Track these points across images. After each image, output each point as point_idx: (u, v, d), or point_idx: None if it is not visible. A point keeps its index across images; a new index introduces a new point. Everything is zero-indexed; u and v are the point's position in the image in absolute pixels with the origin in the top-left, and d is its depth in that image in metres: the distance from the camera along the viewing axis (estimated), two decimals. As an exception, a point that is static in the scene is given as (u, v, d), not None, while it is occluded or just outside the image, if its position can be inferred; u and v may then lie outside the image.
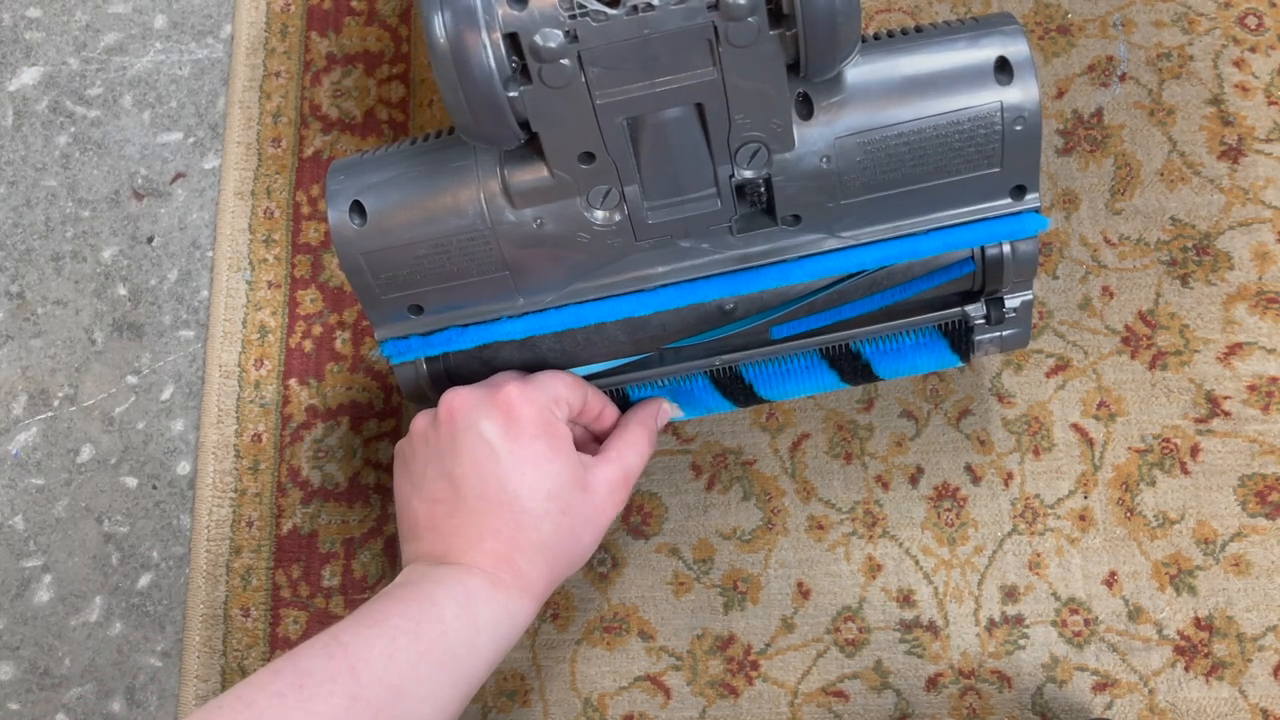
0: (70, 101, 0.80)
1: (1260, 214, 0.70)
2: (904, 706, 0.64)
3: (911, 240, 0.54)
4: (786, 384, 0.61)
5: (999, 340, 0.61)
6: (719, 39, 0.45)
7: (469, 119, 0.47)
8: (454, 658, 0.49)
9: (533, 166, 0.51)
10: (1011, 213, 0.53)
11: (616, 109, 0.48)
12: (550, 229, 0.52)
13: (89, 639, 0.68)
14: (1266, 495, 0.65)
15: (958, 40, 0.51)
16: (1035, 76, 0.50)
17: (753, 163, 0.51)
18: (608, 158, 0.50)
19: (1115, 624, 0.64)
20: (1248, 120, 0.72)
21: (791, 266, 0.55)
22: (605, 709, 0.65)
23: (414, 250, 0.53)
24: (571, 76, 0.46)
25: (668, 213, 0.53)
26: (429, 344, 0.56)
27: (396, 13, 0.79)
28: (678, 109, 0.49)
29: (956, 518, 0.66)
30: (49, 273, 0.76)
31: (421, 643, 0.48)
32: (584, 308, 0.55)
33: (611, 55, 0.45)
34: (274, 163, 0.76)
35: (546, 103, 0.47)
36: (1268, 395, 0.67)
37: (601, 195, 0.51)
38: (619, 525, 0.67)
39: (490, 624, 0.51)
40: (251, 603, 0.68)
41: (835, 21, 0.45)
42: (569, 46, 0.45)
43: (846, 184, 0.52)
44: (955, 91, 0.50)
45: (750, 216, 0.54)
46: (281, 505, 0.69)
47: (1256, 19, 0.74)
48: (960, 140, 0.51)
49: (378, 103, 0.77)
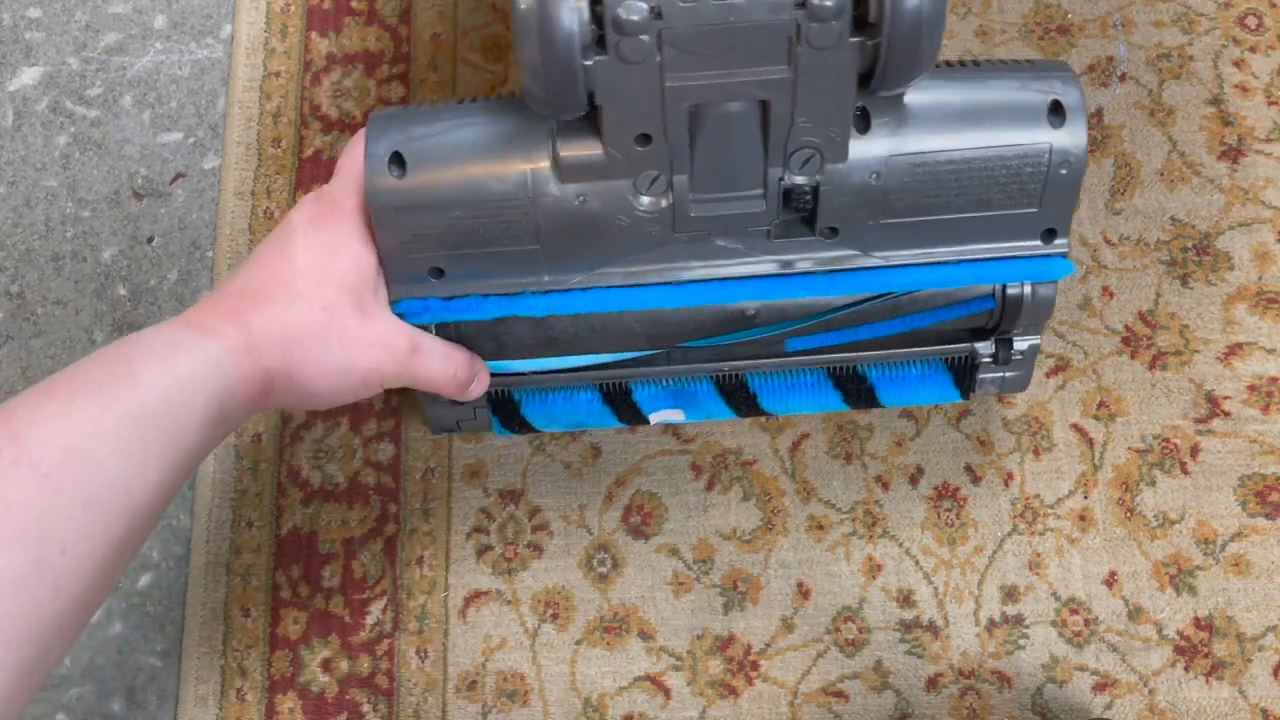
0: (70, 101, 0.80)
1: (1260, 214, 0.70)
2: (904, 706, 0.64)
3: (940, 269, 0.54)
4: (790, 399, 0.61)
5: (1000, 381, 0.61)
6: (799, 39, 0.45)
7: (541, 83, 0.46)
8: (149, 414, 0.43)
9: (586, 142, 0.50)
10: (1039, 254, 0.54)
11: (684, 94, 0.47)
12: (592, 207, 0.52)
13: (89, 639, 0.68)
14: (1266, 495, 0.65)
15: (1016, 78, 0.51)
16: (1085, 125, 0.50)
17: (805, 168, 0.50)
18: (664, 142, 0.49)
19: (1115, 624, 0.64)
20: (1248, 120, 0.72)
21: (822, 279, 0.54)
22: (605, 709, 0.65)
23: (449, 211, 0.52)
24: (648, 54, 0.45)
25: (711, 208, 0.52)
26: (448, 309, 0.55)
27: (396, 13, 0.79)
28: (742, 104, 0.48)
29: (956, 518, 0.66)
30: (49, 273, 0.76)
31: (104, 399, 0.42)
32: (609, 293, 0.55)
33: (691, 39, 0.45)
34: (274, 163, 0.76)
35: (617, 77, 0.46)
36: (1268, 395, 0.67)
37: (649, 180, 0.51)
38: (619, 525, 0.68)
39: (195, 375, 0.45)
40: (251, 603, 0.68)
41: (921, 34, 0.44)
42: (652, 23, 0.44)
43: (890, 203, 0.52)
44: (1010, 127, 0.51)
45: (789, 224, 0.54)
46: (281, 505, 0.69)
47: (1256, 19, 0.74)
48: (1006, 176, 0.51)
49: (378, 103, 0.77)
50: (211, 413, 0.45)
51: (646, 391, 0.62)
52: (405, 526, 0.68)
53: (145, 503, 0.43)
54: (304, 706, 0.66)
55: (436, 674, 0.66)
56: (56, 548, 0.40)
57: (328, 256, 0.50)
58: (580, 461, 0.69)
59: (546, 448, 0.69)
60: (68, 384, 0.43)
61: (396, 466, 0.70)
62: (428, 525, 0.68)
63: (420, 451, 0.70)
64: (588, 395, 0.62)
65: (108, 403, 0.42)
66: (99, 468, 0.41)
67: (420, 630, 0.66)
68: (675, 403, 0.62)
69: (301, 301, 0.49)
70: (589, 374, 0.61)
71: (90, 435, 0.41)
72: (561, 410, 0.62)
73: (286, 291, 0.49)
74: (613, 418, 0.63)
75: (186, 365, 0.45)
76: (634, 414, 0.62)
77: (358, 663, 0.66)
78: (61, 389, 0.42)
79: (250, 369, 0.47)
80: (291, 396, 0.50)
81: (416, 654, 0.66)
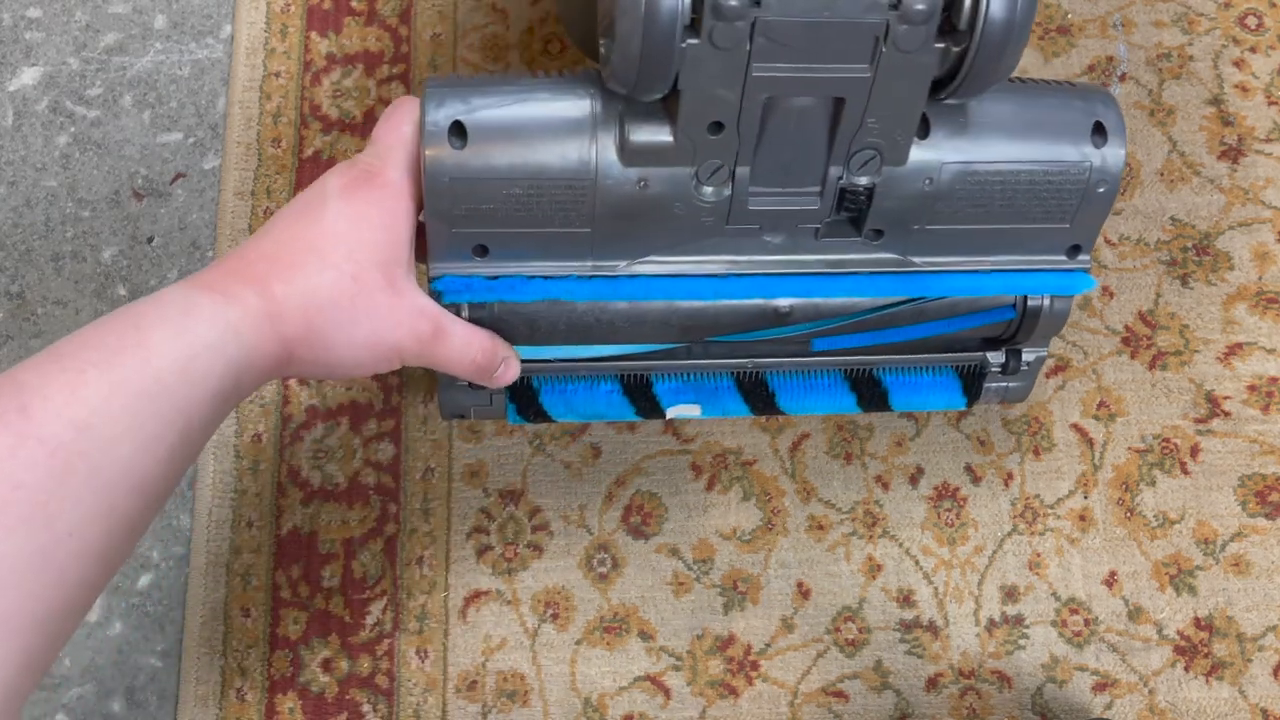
0: (70, 101, 0.80)
1: (1260, 214, 0.70)
2: (904, 706, 0.64)
3: (973, 277, 0.55)
4: (807, 399, 0.62)
5: (1004, 390, 0.62)
6: (885, 39, 0.45)
7: (634, 62, 0.46)
8: (162, 387, 0.41)
9: (657, 125, 0.50)
10: (1064, 269, 0.55)
11: (766, 85, 0.47)
12: (652, 192, 0.51)
13: (89, 639, 0.68)
14: (1266, 495, 0.65)
15: (1061, 97, 0.53)
16: (1125, 147, 0.52)
17: (864, 169, 0.51)
18: (735, 133, 0.49)
19: (1115, 624, 0.64)
20: (1248, 120, 0.72)
21: (863, 280, 0.55)
22: (605, 709, 0.65)
23: (507, 186, 0.51)
24: (740, 41, 0.45)
25: (768, 202, 0.53)
26: (492, 289, 0.54)
27: (396, 13, 0.79)
28: (813, 100, 0.49)
29: (956, 518, 0.66)
30: (49, 273, 0.76)
31: (115, 372, 0.40)
32: (652, 281, 0.55)
33: (783, 30, 0.45)
34: (274, 163, 0.76)
35: (704, 62, 0.46)
36: (1268, 395, 0.67)
37: (712, 170, 0.51)
38: (619, 525, 0.67)
39: (211, 345, 0.43)
40: (251, 603, 0.68)
41: (1008, 44, 0.45)
42: (749, 10, 0.44)
43: (938, 210, 0.53)
44: (1057, 143, 0.52)
45: (837, 224, 0.54)
46: (281, 505, 0.69)
47: (1256, 19, 0.74)
48: (1048, 191, 0.52)
49: (378, 103, 0.77)
50: (227, 385, 0.43)
51: (667, 385, 0.62)
52: (405, 526, 0.68)
53: (155, 481, 0.41)
54: (304, 706, 0.66)
55: (436, 674, 0.66)
56: (65, 530, 0.38)
57: (361, 226, 0.48)
58: (580, 461, 0.69)
59: (546, 448, 0.69)
60: (77, 352, 0.41)
61: (396, 466, 0.70)
62: (428, 525, 0.68)
63: (420, 451, 0.70)
64: (608, 386, 0.62)
65: (119, 375, 0.40)
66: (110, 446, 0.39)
67: (420, 630, 0.66)
68: (694, 398, 0.62)
69: (332, 270, 0.47)
70: (612, 364, 0.61)
71: (101, 411, 0.39)
72: (581, 400, 0.62)
73: (317, 259, 0.47)
74: (631, 410, 0.63)
75: (202, 334, 0.43)
76: (652, 407, 0.62)
77: (358, 663, 0.66)
78: (71, 358, 0.40)
79: (270, 339, 0.45)
80: (310, 367, 0.48)
81: (416, 654, 0.66)
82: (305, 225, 0.48)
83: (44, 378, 0.39)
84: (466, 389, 0.61)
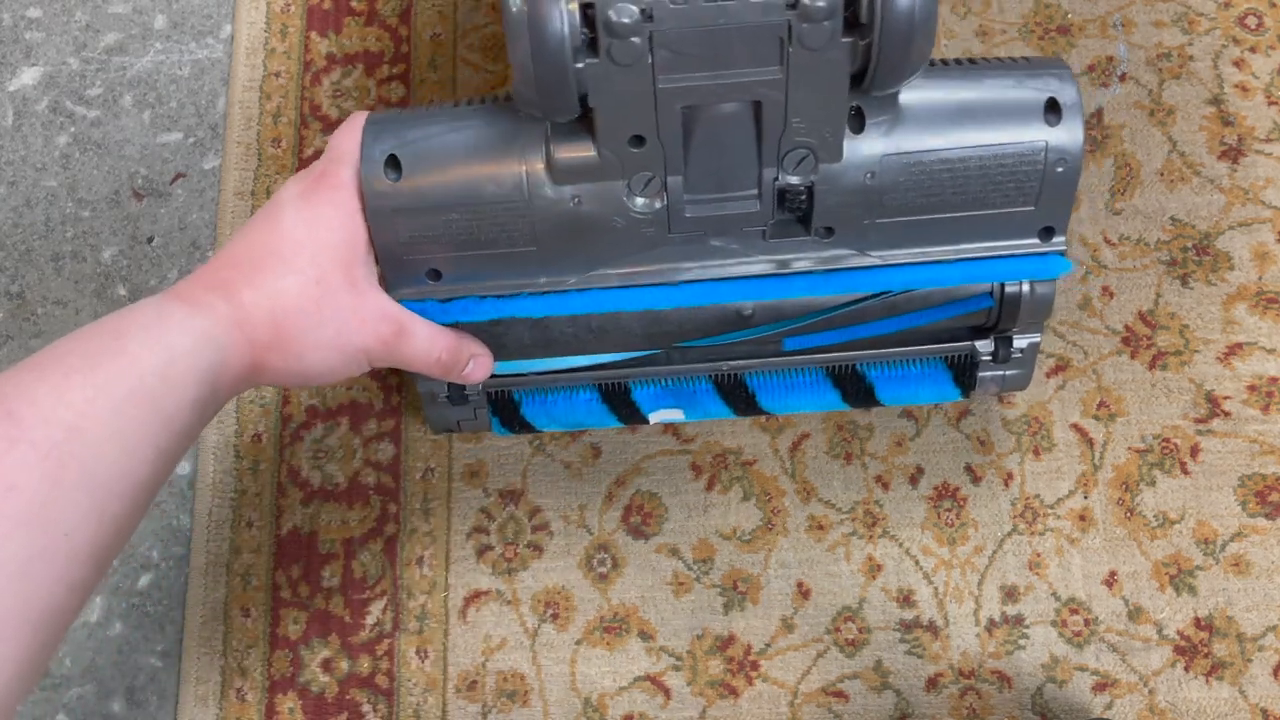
0: (70, 101, 0.80)
1: (1260, 214, 0.70)
2: (904, 706, 0.64)
3: (937, 267, 0.54)
4: (789, 397, 0.61)
5: (1001, 379, 0.61)
6: (791, 39, 0.45)
7: (532, 86, 0.46)
8: (144, 392, 0.42)
9: (580, 143, 0.50)
10: (1037, 253, 0.54)
11: (677, 96, 0.47)
12: (587, 209, 0.52)
13: (89, 639, 0.68)
14: (1266, 495, 0.65)
15: (1012, 76, 0.51)
16: (1082, 122, 0.51)
17: (799, 169, 0.51)
18: (658, 144, 0.49)
19: (1115, 624, 0.64)
20: (1248, 120, 0.72)
21: (818, 279, 0.55)
22: (605, 709, 0.65)
23: (445, 213, 0.52)
24: (639, 56, 0.45)
25: (706, 208, 0.52)
26: (446, 311, 0.55)
27: (396, 13, 0.79)
28: (735, 105, 0.49)
29: (956, 518, 0.66)
30: (49, 273, 0.76)
31: (98, 377, 0.41)
32: (606, 294, 0.55)
33: (682, 40, 0.45)
34: (274, 163, 0.76)
35: (609, 79, 0.46)
36: (1268, 395, 0.67)
37: (644, 182, 0.51)
38: (619, 525, 0.68)
39: (188, 352, 0.44)
40: (251, 603, 0.68)
41: (913, 34, 0.45)
42: (643, 25, 0.44)
43: (885, 203, 0.52)
44: (1005, 125, 0.51)
45: (784, 224, 0.54)
46: (281, 505, 0.69)
47: (1256, 19, 0.74)
48: (1002, 175, 0.51)
49: (378, 103, 0.77)
50: (204, 391, 0.44)
51: (645, 391, 0.62)
52: (405, 526, 0.68)
53: (142, 483, 0.42)
54: (304, 706, 0.66)
55: (436, 674, 0.66)
56: (60, 531, 0.39)
57: (319, 228, 0.49)
58: (580, 461, 0.69)
59: (546, 448, 0.69)
60: (60, 360, 0.41)
61: (396, 466, 0.70)
62: (428, 525, 0.68)
63: (420, 451, 0.70)
64: (587, 395, 0.62)
65: (102, 380, 0.41)
66: (98, 448, 0.40)
67: (420, 630, 0.66)
68: (675, 402, 0.62)
69: (294, 274, 0.48)
70: (588, 374, 0.61)
71: (88, 414, 0.40)
72: (561, 410, 0.62)
73: (280, 264, 0.48)
74: (612, 417, 0.63)
75: (178, 341, 0.44)
76: (633, 413, 0.63)
77: (358, 663, 0.66)
78: (53, 366, 0.41)
79: (241, 345, 0.46)
80: (282, 374, 0.49)
81: (416, 654, 0.66)
82: (266, 232, 0.49)
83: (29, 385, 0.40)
84: (449, 404, 0.62)
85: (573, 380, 0.61)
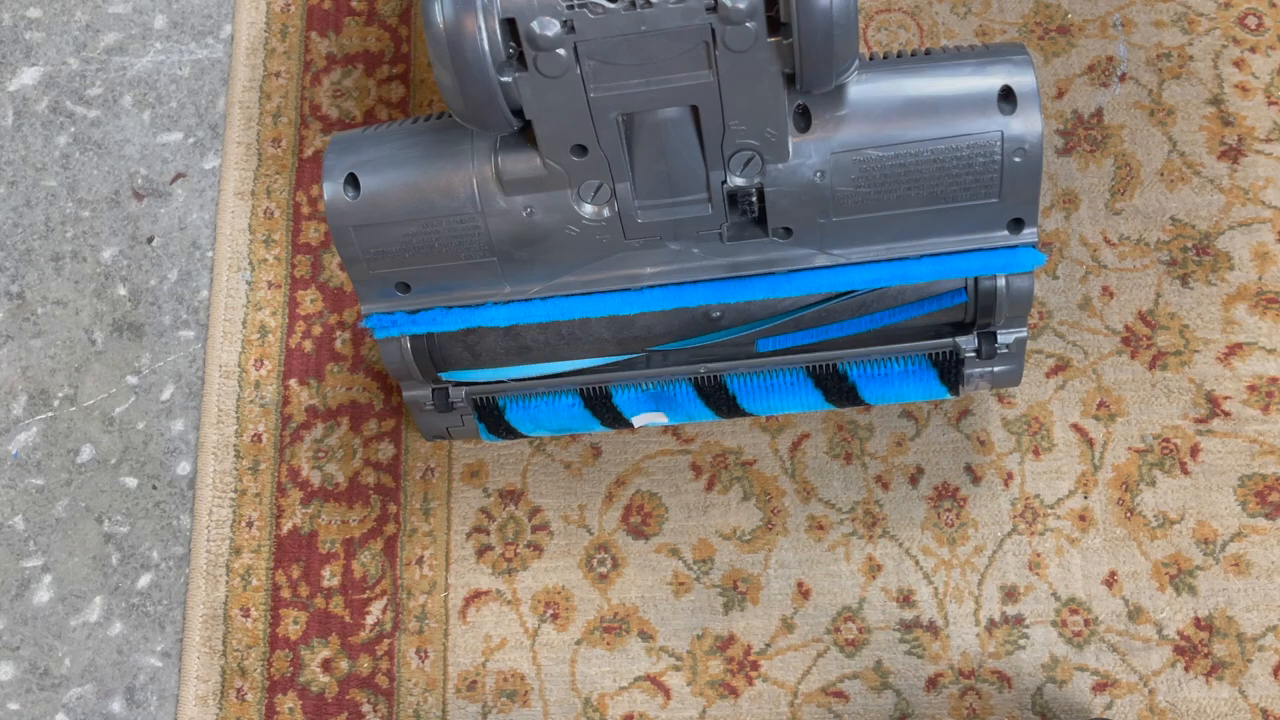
0: (70, 101, 0.80)
1: (1260, 214, 0.70)
2: (904, 706, 0.64)
3: (902, 265, 0.54)
4: (770, 399, 0.61)
5: (990, 375, 0.60)
6: (716, 42, 0.45)
7: (461, 102, 0.47)
8: None
9: (526, 155, 0.51)
10: (1007, 246, 0.53)
11: (610, 104, 0.48)
12: (540, 219, 0.53)
13: (89, 639, 0.68)
14: (1266, 495, 0.65)
15: (964, 66, 0.51)
16: (1039, 109, 0.50)
17: (745, 171, 0.51)
18: (600, 152, 0.50)
19: (1115, 624, 0.64)
20: (1248, 120, 0.72)
21: (779, 280, 0.55)
22: (605, 709, 0.65)
23: (404, 228, 0.54)
24: (567, 67, 0.46)
25: (658, 213, 0.53)
26: (415, 322, 0.57)
27: (396, 13, 0.79)
28: (674, 110, 0.49)
29: (956, 518, 0.66)
30: (49, 273, 0.76)
31: None
32: (569, 301, 0.56)
33: (608, 49, 0.46)
34: (274, 163, 0.76)
35: (541, 91, 0.47)
36: (1268, 395, 0.67)
37: (593, 190, 0.52)
38: (619, 525, 0.67)
39: None
40: (251, 603, 0.68)
41: (832, 33, 0.45)
42: (566, 37, 0.45)
43: (840, 201, 0.52)
44: (956, 117, 0.50)
45: (742, 225, 0.54)
46: (281, 505, 0.69)
47: (1256, 19, 0.74)
48: (958, 167, 0.51)
49: (378, 103, 0.77)
50: None
51: (626, 395, 0.62)
52: (405, 526, 0.68)
53: None
54: (304, 706, 0.66)
55: (436, 674, 0.66)
56: None
57: None
58: (580, 461, 0.69)
59: (546, 448, 0.69)
60: None
61: (396, 466, 0.70)
62: (428, 525, 0.68)
63: (420, 451, 0.70)
64: (569, 400, 0.62)
65: None
66: None
67: (420, 630, 0.66)
68: (656, 405, 0.62)
69: None
70: (568, 379, 0.62)
71: None
72: (545, 415, 0.63)
73: None
74: (596, 422, 0.63)
75: None
76: (616, 417, 0.63)
77: (358, 663, 0.66)
78: None
79: None
80: None
81: (416, 654, 0.66)
82: None
83: None
84: (435, 412, 0.63)
85: (554, 386, 0.62)
